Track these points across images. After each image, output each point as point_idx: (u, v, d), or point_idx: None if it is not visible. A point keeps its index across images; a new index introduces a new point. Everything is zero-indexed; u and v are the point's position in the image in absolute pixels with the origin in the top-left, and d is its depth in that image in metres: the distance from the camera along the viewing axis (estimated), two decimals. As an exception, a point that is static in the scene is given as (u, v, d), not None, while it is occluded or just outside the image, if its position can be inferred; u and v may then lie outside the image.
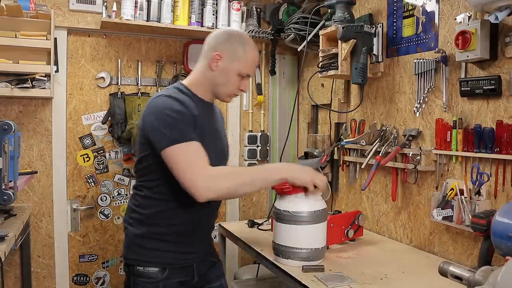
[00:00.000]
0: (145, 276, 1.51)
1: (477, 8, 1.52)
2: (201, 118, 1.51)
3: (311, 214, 1.56)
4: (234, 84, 1.57)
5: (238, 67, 1.54)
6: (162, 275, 1.51)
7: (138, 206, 1.56)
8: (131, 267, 1.55)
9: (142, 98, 2.64)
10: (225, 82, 1.55)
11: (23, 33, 2.22)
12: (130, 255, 1.56)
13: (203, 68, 1.58)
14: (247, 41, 1.58)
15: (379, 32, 2.10)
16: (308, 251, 1.57)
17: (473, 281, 1.08)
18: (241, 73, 1.55)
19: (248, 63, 1.56)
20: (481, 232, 1.44)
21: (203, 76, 1.57)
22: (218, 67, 1.54)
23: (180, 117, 1.42)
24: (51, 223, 2.50)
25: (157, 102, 1.47)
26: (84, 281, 2.62)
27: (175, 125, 1.41)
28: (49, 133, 2.48)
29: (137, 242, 1.54)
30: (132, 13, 2.42)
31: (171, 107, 1.44)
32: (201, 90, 1.58)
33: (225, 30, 1.68)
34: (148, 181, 1.55)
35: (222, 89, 1.57)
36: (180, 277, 1.55)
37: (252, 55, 1.57)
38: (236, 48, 1.54)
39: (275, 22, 2.76)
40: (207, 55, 1.57)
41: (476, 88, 1.63)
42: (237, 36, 1.59)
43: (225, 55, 1.53)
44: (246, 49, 1.55)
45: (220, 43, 1.56)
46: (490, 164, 1.59)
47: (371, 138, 2.17)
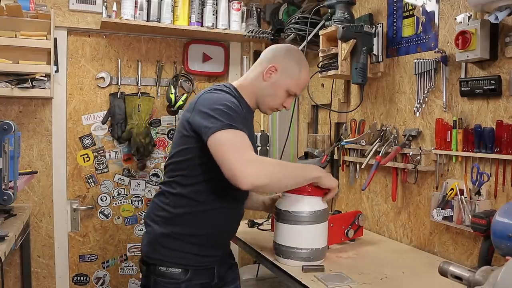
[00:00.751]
0: (167, 276, 1.49)
1: (477, 8, 1.52)
2: (247, 122, 1.52)
3: (311, 214, 1.56)
4: (280, 99, 1.59)
5: (289, 84, 1.56)
6: (184, 277, 1.49)
7: (167, 204, 1.52)
8: (152, 266, 1.52)
9: (142, 98, 2.64)
10: (272, 94, 1.57)
11: (23, 33, 2.22)
12: (153, 254, 1.52)
13: (255, 76, 1.59)
14: (303, 62, 1.62)
15: (379, 32, 2.10)
16: (308, 251, 1.57)
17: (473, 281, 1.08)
18: (290, 90, 1.58)
19: (299, 82, 1.59)
20: (481, 232, 1.44)
21: (253, 84, 1.59)
22: (271, 79, 1.56)
23: (236, 109, 1.42)
24: (51, 223, 2.50)
25: (212, 94, 1.47)
26: (84, 281, 2.62)
27: (230, 113, 1.38)
28: (49, 133, 2.48)
29: (161, 241, 1.51)
30: (132, 13, 2.42)
31: (228, 99, 1.44)
32: (248, 96, 1.59)
33: (286, 45, 1.69)
34: (184, 177, 1.50)
35: (268, 100, 1.59)
36: (202, 279, 1.53)
37: (305, 76, 1.61)
38: (292, 65, 1.57)
39: (275, 22, 2.76)
40: (262, 65, 1.59)
41: (476, 88, 1.63)
42: (296, 54, 1.62)
43: (280, 69, 1.56)
44: (301, 69, 1.59)
45: (278, 56, 1.58)
46: (490, 164, 1.59)
47: (371, 138, 2.17)
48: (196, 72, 2.80)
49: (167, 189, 1.53)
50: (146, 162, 2.72)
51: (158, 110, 2.74)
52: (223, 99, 1.43)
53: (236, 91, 1.56)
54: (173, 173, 1.53)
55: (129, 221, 2.71)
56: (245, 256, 2.82)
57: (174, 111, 2.74)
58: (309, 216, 1.56)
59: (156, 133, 2.75)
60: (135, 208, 2.72)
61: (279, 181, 1.41)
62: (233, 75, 2.88)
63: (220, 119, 1.35)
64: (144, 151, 2.61)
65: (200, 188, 1.49)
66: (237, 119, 1.38)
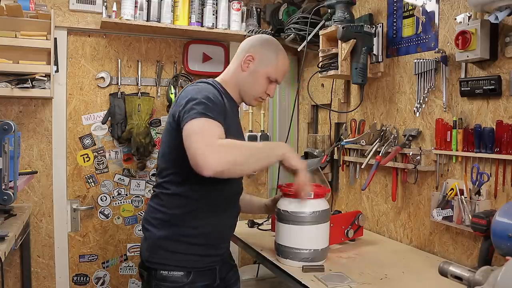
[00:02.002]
0: (169, 280, 1.47)
1: (477, 8, 1.52)
2: (229, 114, 1.51)
3: (312, 215, 1.56)
4: (261, 87, 1.60)
5: (268, 71, 1.58)
6: (187, 279, 1.48)
7: (163, 206, 1.51)
8: (153, 271, 1.49)
9: (142, 98, 2.64)
10: (253, 83, 1.59)
11: (23, 33, 2.22)
12: (154, 258, 1.50)
13: (234, 68, 1.62)
14: (280, 49, 1.63)
15: (379, 32, 2.10)
16: (309, 251, 1.57)
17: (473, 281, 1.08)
18: (270, 77, 1.59)
19: (278, 68, 1.60)
20: (481, 232, 1.44)
21: (234, 76, 1.61)
22: (249, 68, 1.58)
23: (214, 99, 1.41)
24: (51, 223, 2.50)
25: (194, 87, 1.48)
26: (84, 281, 2.62)
27: (207, 103, 1.37)
28: (49, 133, 2.48)
29: (161, 244, 1.49)
30: (132, 13, 2.42)
31: (208, 89, 1.45)
32: (231, 89, 1.61)
33: (261, 35, 1.73)
34: (176, 175, 1.49)
35: (249, 90, 1.61)
36: (204, 280, 1.52)
37: (282, 62, 1.61)
38: (268, 52, 1.59)
39: (275, 22, 2.76)
40: (239, 56, 1.62)
41: (476, 88, 1.63)
42: (271, 42, 1.64)
43: (257, 57, 1.58)
44: (278, 55, 1.60)
45: (254, 46, 1.60)
46: (490, 164, 1.59)
47: (371, 138, 2.17)
48: (196, 72, 2.80)
49: (161, 191, 1.53)
50: (146, 162, 2.72)
51: (158, 110, 2.74)
52: (203, 90, 1.44)
53: (219, 84, 1.57)
54: (165, 172, 1.52)
55: (129, 221, 2.71)
56: (245, 256, 2.82)
57: (174, 111, 2.74)
58: (309, 217, 1.56)
59: (156, 133, 2.75)
60: (135, 208, 2.72)
61: (241, 165, 1.34)
62: (233, 75, 2.88)
63: (195, 108, 1.34)
64: (144, 151, 2.61)
65: (193, 184, 1.46)
66: (214, 109, 1.37)
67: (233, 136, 1.42)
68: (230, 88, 1.61)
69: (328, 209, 1.63)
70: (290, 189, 1.59)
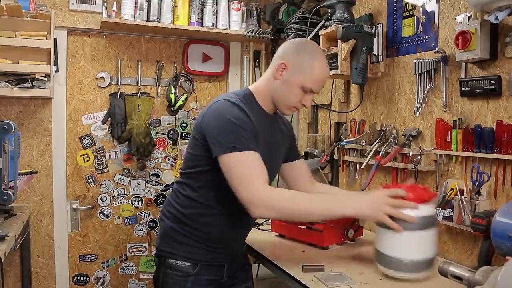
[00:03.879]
0: (176, 269, 1.51)
1: (477, 8, 1.52)
2: (259, 129, 1.46)
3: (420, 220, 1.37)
4: (295, 97, 1.49)
5: (302, 80, 1.47)
6: (192, 270, 1.51)
7: (177, 203, 1.54)
8: (162, 258, 1.54)
9: (142, 98, 2.64)
10: (286, 93, 1.49)
11: (23, 33, 2.22)
12: (163, 246, 1.56)
13: (268, 76, 1.53)
14: (317, 55, 1.50)
15: (379, 32, 2.10)
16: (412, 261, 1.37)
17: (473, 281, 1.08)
18: (304, 87, 1.47)
19: (313, 77, 1.47)
20: (481, 232, 1.44)
21: (266, 84, 1.53)
22: (282, 77, 1.48)
23: (241, 124, 1.37)
24: (51, 223, 2.50)
25: (219, 106, 1.42)
26: (84, 281, 2.62)
27: (235, 132, 1.35)
28: (49, 133, 2.48)
29: (171, 234, 1.54)
30: (132, 13, 2.42)
31: (233, 113, 1.39)
32: (263, 99, 1.53)
33: (299, 39, 1.60)
34: (194, 180, 1.51)
35: (282, 99, 1.51)
36: (210, 275, 1.54)
37: (319, 70, 1.48)
38: (303, 59, 1.47)
39: (275, 22, 2.76)
40: (274, 63, 1.52)
41: (476, 88, 1.63)
42: (308, 48, 1.51)
43: (290, 65, 1.47)
44: (314, 62, 1.47)
45: (288, 52, 1.50)
46: (490, 164, 1.59)
47: (371, 138, 2.17)
48: (196, 72, 2.80)
49: (179, 190, 1.56)
50: (146, 162, 2.72)
51: (158, 110, 2.74)
52: (229, 113, 1.38)
53: (251, 96, 1.51)
54: (186, 174, 1.54)
55: (129, 221, 2.71)
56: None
57: (174, 111, 2.74)
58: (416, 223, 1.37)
59: (156, 133, 2.75)
60: (135, 208, 2.72)
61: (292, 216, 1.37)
62: (233, 75, 2.88)
63: (227, 141, 1.34)
64: (144, 151, 2.61)
65: (208, 194, 1.50)
66: (245, 136, 1.36)
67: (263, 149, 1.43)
68: (262, 98, 1.53)
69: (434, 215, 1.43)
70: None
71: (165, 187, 2.79)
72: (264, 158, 1.42)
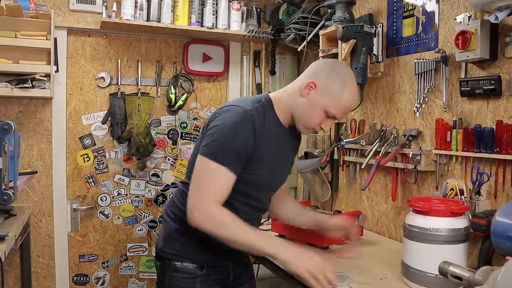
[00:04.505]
0: (184, 271, 1.49)
1: (477, 8, 1.52)
2: (265, 144, 1.43)
3: (446, 233, 1.36)
4: (316, 118, 1.45)
5: (328, 104, 1.42)
6: (200, 272, 1.50)
7: (182, 204, 1.50)
8: (166, 261, 1.51)
9: (142, 98, 2.64)
10: (309, 112, 1.45)
11: (23, 33, 2.21)
12: (168, 249, 1.53)
13: (294, 89, 1.48)
14: (349, 82, 1.45)
15: (379, 32, 2.10)
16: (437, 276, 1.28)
17: (473, 281, 1.08)
18: (328, 111, 1.42)
19: (340, 103, 1.42)
20: (481, 232, 1.44)
21: (291, 98, 1.48)
22: (309, 95, 1.43)
23: (239, 145, 1.36)
24: (51, 223, 2.50)
25: (234, 113, 1.39)
26: (84, 281, 2.62)
27: (229, 147, 1.35)
28: (49, 133, 2.48)
29: (175, 236, 1.52)
30: (132, 13, 2.42)
31: (240, 129, 1.37)
32: (283, 111, 1.49)
33: (333, 61, 1.57)
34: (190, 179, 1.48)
35: (303, 118, 1.47)
36: (217, 275, 1.53)
37: (348, 97, 1.43)
38: (334, 83, 1.42)
39: (275, 22, 2.76)
40: (303, 79, 1.47)
41: (476, 88, 1.63)
42: (341, 72, 1.46)
43: (320, 86, 1.42)
44: (344, 89, 1.42)
45: (320, 72, 1.45)
46: (490, 164, 1.59)
47: (371, 138, 2.17)
48: (196, 72, 2.80)
49: (183, 189, 1.54)
50: (146, 162, 2.72)
51: (158, 110, 2.74)
52: (234, 126, 1.37)
53: (270, 105, 1.47)
54: (190, 174, 1.51)
55: (129, 221, 2.71)
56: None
57: (174, 111, 2.74)
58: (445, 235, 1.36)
59: (156, 133, 2.75)
60: (135, 208, 2.72)
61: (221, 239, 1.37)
62: (233, 75, 2.88)
63: (214, 146, 1.36)
64: (144, 151, 2.61)
65: None
66: (232, 155, 1.35)
67: (263, 168, 1.44)
68: (282, 108, 1.48)
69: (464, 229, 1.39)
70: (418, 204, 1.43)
71: (165, 187, 2.78)
72: (265, 169, 1.45)
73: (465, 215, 1.44)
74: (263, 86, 2.93)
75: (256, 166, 1.43)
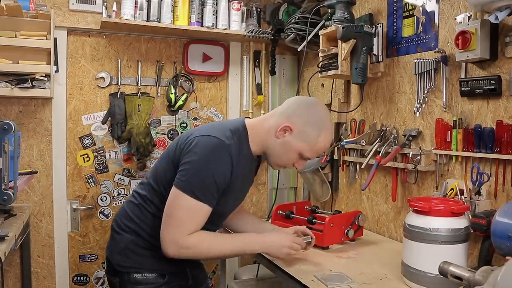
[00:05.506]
0: (145, 282, 1.48)
1: (477, 8, 1.52)
2: (239, 176, 1.44)
3: (446, 233, 1.37)
4: (290, 160, 1.47)
5: (303, 148, 1.43)
6: (162, 280, 1.49)
7: (139, 219, 1.53)
8: (125, 275, 1.49)
9: (142, 98, 2.64)
10: (282, 154, 1.46)
11: (23, 33, 2.21)
12: (125, 262, 1.51)
13: (270, 127, 1.46)
14: (325, 125, 1.45)
15: (379, 32, 2.10)
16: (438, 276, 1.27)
17: (473, 281, 1.08)
18: (303, 155, 1.45)
19: (314, 148, 1.44)
20: (481, 232, 1.44)
21: (266, 135, 1.46)
22: (284, 138, 1.43)
23: (218, 182, 1.36)
24: (51, 223, 2.50)
25: (211, 146, 1.36)
26: (84, 281, 2.62)
27: (208, 185, 1.35)
28: (49, 133, 2.48)
29: (132, 248, 1.51)
30: (132, 13, 2.42)
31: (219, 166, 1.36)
32: (256, 144, 1.48)
33: (311, 102, 1.50)
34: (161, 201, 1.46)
35: (276, 158, 1.48)
36: (177, 281, 1.54)
37: (323, 142, 1.45)
38: (311, 129, 1.42)
39: (275, 22, 2.76)
40: (280, 118, 1.45)
41: (476, 88, 1.63)
42: (318, 115, 1.45)
43: (296, 130, 1.42)
44: (320, 134, 1.43)
45: (297, 114, 1.43)
46: (490, 164, 1.59)
47: (371, 138, 2.17)
48: (196, 72, 2.80)
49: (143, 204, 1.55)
50: (146, 162, 2.72)
51: (158, 110, 2.74)
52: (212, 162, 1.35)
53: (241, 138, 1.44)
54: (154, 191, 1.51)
55: (129, 221, 2.71)
56: (245, 256, 2.82)
57: (174, 111, 2.74)
58: (445, 235, 1.37)
59: (156, 133, 2.75)
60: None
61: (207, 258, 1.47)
62: (233, 75, 2.88)
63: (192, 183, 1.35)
64: (144, 151, 2.61)
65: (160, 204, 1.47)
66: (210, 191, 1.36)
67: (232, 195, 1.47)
68: (254, 141, 1.47)
69: (467, 227, 1.40)
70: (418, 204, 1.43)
71: (165, 187, 2.78)
72: (237, 194, 1.52)
73: (465, 215, 1.44)
74: (263, 86, 2.93)
75: (225, 198, 1.43)
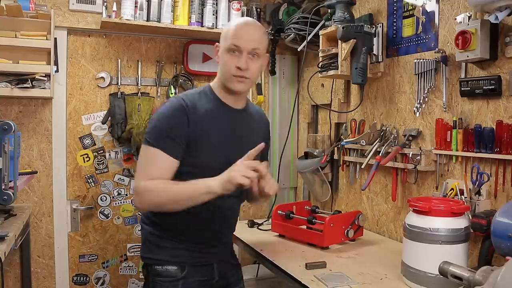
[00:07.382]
0: (164, 275, 1.48)
1: (477, 8, 1.52)
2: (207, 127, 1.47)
3: (445, 233, 1.37)
4: (227, 63, 1.47)
5: (224, 44, 1.48)
6: (181, 274, 1.48)
7: None
8: (149, 267, 1.52)
9: (142, 98, 2.64)
10: (222, 66, 1.51)
11: (23, 33, 2.21)
12: (147, 254, 1.54)
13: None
14: (238, 20, 1.53)
15: (379, 32, 2.10)
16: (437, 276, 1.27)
17: (473, 281, 1.08)
18: (228, 47, 1.46)
19: (229, 34, 1.47)
20: (481, 232, 1.44)
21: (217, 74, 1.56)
22: (218, 57, 1.53)
23: (168, 125, 1.44)
24: (51, 223, 2.50)
25: (167, 103, 1.51)
26: (84, 281, 2.62)
27: (158, 129, 1.45)
28: (49, 133, 2.48)
29: (151, 239, 1.53)
30: (132, 13, 2.42)
31: (169, 112, 1.46)
32: (221, 91, 1.54)
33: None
34: None
35: (223, 75, 1.51)
36: (200, 276, 1.52)
37: (235, 27, 1.48)
38: (225, 29, 1.52)
39: (275, 22, 2.76)
40: None
41: (476, 88, 1.63)
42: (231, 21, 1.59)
43: (220, 40, 1.52)
44: (231, 25, 1.51)
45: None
46: (490, 164, 1.59)
47: (371, 138, 2.17)
48: (196, 72, 2.80)
49: None
50: (146, 162, 2.72)
51: (158, 110, 2.74)
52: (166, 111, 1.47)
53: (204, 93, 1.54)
54: None
55: (129, 221, 2.71)
56: (245, 256, 2.82)
57: (174, 111, 2.74)
58: (445, 235, 1.37)
59: (156, 133, 2.74)
60: (135, 208, 2.72)
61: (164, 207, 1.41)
62: (233, 75, 2.88)
63: (148, 133, 1.47)
64: (144, 151, 2.61)
65: None
66: (163, 134, 1.43)
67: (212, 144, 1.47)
68: (219, 90, 1.54)
69: (464, 229, 1.39)
70: (418, 204, 1.44)
71: (165, 187, 2.78)
72: (220, 150, 1.47)
73: (465, 215, 1.44)
74: (263, 86, 2.93)
75: (202, 149, 1.46)
